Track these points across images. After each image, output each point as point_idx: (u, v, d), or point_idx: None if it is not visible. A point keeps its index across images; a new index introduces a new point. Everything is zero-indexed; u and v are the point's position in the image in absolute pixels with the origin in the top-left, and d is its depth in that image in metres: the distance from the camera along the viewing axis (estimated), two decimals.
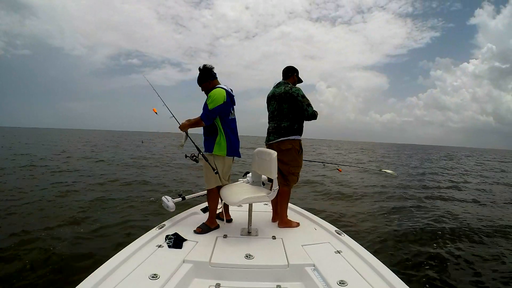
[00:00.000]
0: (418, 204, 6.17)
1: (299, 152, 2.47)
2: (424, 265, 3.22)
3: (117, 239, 3.57)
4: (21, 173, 8.29)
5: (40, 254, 3.10)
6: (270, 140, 2.51)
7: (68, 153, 15.18)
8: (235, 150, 2.38)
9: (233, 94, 2.40)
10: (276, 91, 2.51)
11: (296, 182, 2.52)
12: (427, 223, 4.73)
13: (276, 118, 2.49)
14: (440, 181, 9.88)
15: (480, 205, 6.57)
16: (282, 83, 2.54)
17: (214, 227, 2.34)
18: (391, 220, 4.90)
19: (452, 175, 11.71)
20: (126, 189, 6.66)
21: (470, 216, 5.39)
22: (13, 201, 5.11)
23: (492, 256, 3.52)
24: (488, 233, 4.35)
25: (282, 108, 2.44)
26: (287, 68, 2.62)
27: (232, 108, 2.38)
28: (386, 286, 1.49)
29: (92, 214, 4.58)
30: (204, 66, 2.37)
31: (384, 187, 8.23)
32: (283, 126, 2.43)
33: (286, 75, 2.62)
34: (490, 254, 3.58)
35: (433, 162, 21.10)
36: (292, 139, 2.42)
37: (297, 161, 2.47)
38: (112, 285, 1.44)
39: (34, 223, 4.03)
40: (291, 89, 2.42)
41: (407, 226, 4.54)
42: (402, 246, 3.75)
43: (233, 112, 2.41)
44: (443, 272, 3.09)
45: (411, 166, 16.79)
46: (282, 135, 2.43)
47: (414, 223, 4.71)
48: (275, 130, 2.48)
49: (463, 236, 4.21)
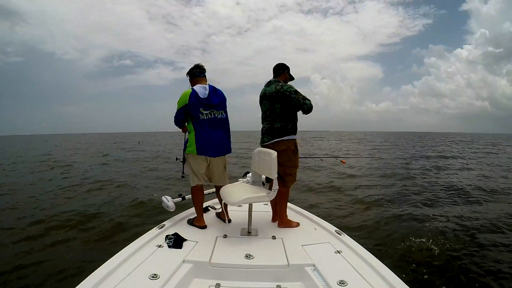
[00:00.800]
0: (418, 204, 6.17)
1: (295, 152, 2.43)
2: (424, 265, 3.22)
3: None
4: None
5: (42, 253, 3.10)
6: (264, 142, 2.46)
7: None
8: (208, 149, 2.35)
9: (207, 93, 2.31)
10: (267, 90, 2.45)
11: (293, 182, 2.51)
12: (428, 223, 4.73)
13: (268, 118, 2.44)
14: (441, 177, 9.87)
15: (480, 204, 6.57)
16: (273, 82, 2.47)
17: (198, 225, 2.35)
18: (391, 220, 4.90)
19: (454, 169, 11.69)
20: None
21: (473, 217, 5.39)
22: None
23: (492, 255, 3.52)
24: (488, 232, 4.35)
25: (274, 108, 2.38)
26: (278, 66, 2.53)
27: (204, 108, 2.31)
28: (386, 286, 1.49)
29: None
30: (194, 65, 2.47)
31: (385, 184, 8.21)
32: (276, 127, 2.38)
33: (277, 72, 2.53)
34: (491, 253, 3.58)
35: (429, 152, 20.72)
36: (286, 139, 2.38)
37: (293, 161, 2.44)
38: (112, 285, 1.44)
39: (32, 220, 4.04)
40: (282, 88, 2.35)
41: (408, 226, 4.54)
42: (402, 246, 3.75)
43: (209, 112, 2.33)
44: (444, 272, 3.09)
45: (408, 155, 16.77)
46: (276, 136, 2.38)
47: (414, 223, 4.71)
48: (268, 131, 2.43)
49: (464, 235, 4.20)
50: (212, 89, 2.38)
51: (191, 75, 2.45)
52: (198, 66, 2.45)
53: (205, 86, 2.36)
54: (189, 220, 2.44)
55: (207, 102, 2.32)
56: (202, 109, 2.31)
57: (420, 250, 3.61)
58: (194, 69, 2.44)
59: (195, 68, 2.44)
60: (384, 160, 13.88)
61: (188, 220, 2.45)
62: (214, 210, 2.85)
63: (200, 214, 2.42)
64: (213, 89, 2.38)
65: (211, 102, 2.33)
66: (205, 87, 2.35)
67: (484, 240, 4.04)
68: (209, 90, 2.34)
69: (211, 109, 2.35)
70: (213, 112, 2.36)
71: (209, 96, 2.33)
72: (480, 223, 4.80)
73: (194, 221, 2.39)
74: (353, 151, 20.13)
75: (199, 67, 2.44)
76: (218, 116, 2.39)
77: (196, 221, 2.39)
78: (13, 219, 4.61)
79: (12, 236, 3.85)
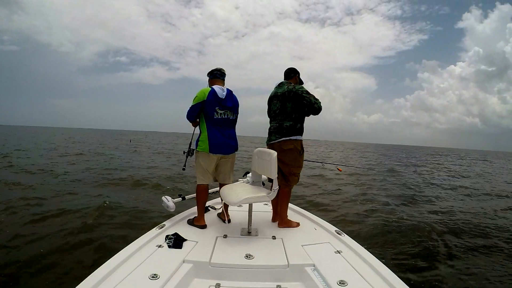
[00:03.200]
0: (418, 203, 6.18)
1: (301, 152, 2.46)
2: (424, 265, 3.22)
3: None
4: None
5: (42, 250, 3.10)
6: (271, 140, 2.49)
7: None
8: (221, 148, 2.41)
9: (225, 95, 2.40)
10: (279, 90, 2.49)
11: (296, 182, 2.52)
12: (428, 222, 4.73)
13: (278, 117, 2.47)
14: (436, 182, 9.92)
15: (476, 200, 6.59)
16: (285, 83, 2.53)
17: (198, 224, 2.36)
18: (391, 220, 4.90)
19: (451, 176, 11.74)
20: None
21: (470, 215, 5.40)
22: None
23: (492, 254, 3.52)
24: (488, 231, 4.36)
25: (285, 107, 2.42)
26: (290, 69, 2.63)
27: (219, 108, 2.39)
28: (386, 286, 1.49)
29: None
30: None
31: (384, 186, 8.24)
32: (286, 125, 2.41)
33: (289, 75, 2.61)
34: (492, 252, 3.58)
35: (427, 162, 21.21)
36: (294, 139, 2.41)
37: (298, 162, 2.46)
38: (112, 285, 1.44)
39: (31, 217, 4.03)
40: (294, 87, 2.41)
41: (408, 226, 4.54)
42: (402, 246, 3.76)
43: (224, 112, 2.41)
44: (444, 271, 3.10)
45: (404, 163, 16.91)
46: (284, 134, 2.41)
47: (415, 223, 4.72)
48: (277, 129, 2.46)
49: (464, 235, 4.21)
50: (229, 92, 2.46)
51: (211, 75, 2.52)
52: (219, 69, 2.53)
53: (223, 88, 2.44)
54: (189, 220, 2.44)
55: (223, 103, 2.40)
56: (218, 108, 2.39)
57: (420, 250, 3.62)
58: (215, 71, 2.53)
59: (217, 70, 2.53)
60: (379, 166, 13.96)
61: (188, 220, 2.45)
62: (215, 210, 2.85)
63: (201, 214, 2.42)
64: (230, 93, 2.47)
65: (226, 104, 2.41)
66: (223, 89, 2.43)
67: (486, 242, 4.05)
68: (226, 92, 2.43)
69: (225, 110, 2.42)
70: (226, 113, 2.43)
71: (226, 98, 2.41)
72: (482, 223, 4.82)
73: (194, 221, 2.40)
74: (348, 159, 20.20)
75: (219, 70, 2.53)
76: (231, 117, 2.48)
77: (196, 220, 2.39)
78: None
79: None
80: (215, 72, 2.52)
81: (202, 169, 2.43)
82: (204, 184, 2.45)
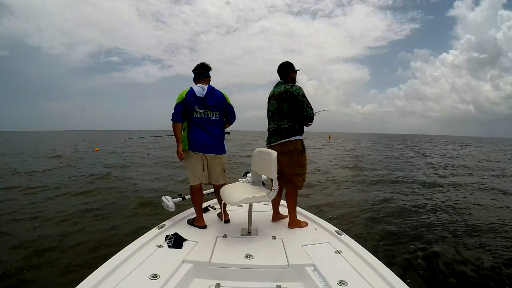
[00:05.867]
0: (418, 203, 6.17)
1: (302, 151, 2.44)
2: (424, 265, 3.22)
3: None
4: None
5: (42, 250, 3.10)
6: (271, 142, 2.47)
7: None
8: (201, 147, 2.40)
9: (205, 94, 2.37)
10: (276, 90, 2.48)
11: (302, 183, 2.48)
12: (428, 222, 4.72)
13: (276, 118, 2.46)
14: (436, 177, 9.89)
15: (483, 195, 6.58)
16: (282, 82, 2.51)
17: (198, 225, 2.36)
18: (391, 220, 4.90)
19: (450, 172, 11.72)
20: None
21: (472, 211, 5.39)
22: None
23: (492, 254, 3.52)
24: (487, 231, 4.35)
25: (282, 107, 2.41)
26: (282, 67, 2.51)
27: (198, 107, 2.37)
28: (386, 286, 1.49)
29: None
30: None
31: (383, 185, 8.22)
32: (284, 127, 2.40)
33: (283, 75, 2.52)
34: (492, 252, 3.58)
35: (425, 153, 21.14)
36: (294, 139, 2.40)
37: (300, 162, 2.44)
38: (112, 285, 1.44)
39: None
40: (291, 88, 2.39)
41: (408, 226, 4.53)
42: (402, 246, 3.75)
43: (204, 111, 2.39)
44: (444, 271, 3.09)
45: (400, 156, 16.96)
46: (283, 136, 2.40)
47: (415, 223, 4.71)
48: (275, 131, 2.44)
49: (465, 235, 4.20)
50: (210, 89, 2.42)
51: (194, 75, 2.52)
52: (197, 67, 2.50)
53: (203, 86, 2.41)
54: (189, 220, 2.44)
55: (202, 101, 2.38)
56: (197, 107, 2.38)
57: (420, 250, 3.61)
58: (194, 71, 2.52)
59: (195, 70, 2.52)
60: (376, 158, 13.93)
61: (188, 220, 2.45)
62: (214, 210, 2.85)
63: (199, 214, 2.42)
64: (211, 90, 2.42)
65: (206, 102, 2.39)
66: (203, 87, 2.40)
67: (487, 240, 4.04)
68: (207, 90, 2.39)
69: (205, 109, 2.40)
70: (206, 112, 2.41)
71: (206, 96, 2.38)
72: (484, 224, 4.81)
73: (194, 221, 2.40)
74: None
75: (198, 69, 2.50)
76: (212, 117, 2.43)
77: (196, 221, 2.39)
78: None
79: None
80: (194, 72, 2.52)
81: (189, 169, 2.44)
82: (196, 185, 2.45)
